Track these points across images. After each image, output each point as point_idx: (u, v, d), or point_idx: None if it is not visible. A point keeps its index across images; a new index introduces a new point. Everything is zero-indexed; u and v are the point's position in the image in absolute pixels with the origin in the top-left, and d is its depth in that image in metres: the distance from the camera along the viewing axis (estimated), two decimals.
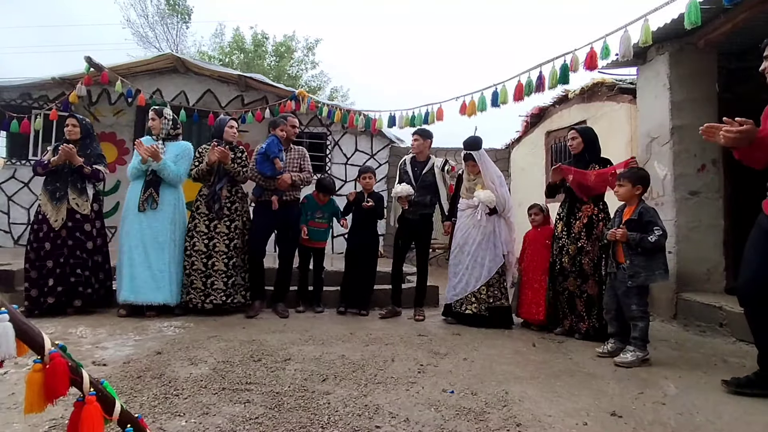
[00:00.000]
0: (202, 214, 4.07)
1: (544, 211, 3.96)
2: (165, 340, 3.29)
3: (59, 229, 3.85)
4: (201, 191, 4.16)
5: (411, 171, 4.21)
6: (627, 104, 5.08)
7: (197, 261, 4.01)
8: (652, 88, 4.21)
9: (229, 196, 4.13)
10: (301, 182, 4.25)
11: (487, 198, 3.83)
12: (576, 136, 3.64)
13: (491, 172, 3.90)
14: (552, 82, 3.57)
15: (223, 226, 4.07)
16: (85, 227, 3.97)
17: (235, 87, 7.33)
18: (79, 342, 3.17)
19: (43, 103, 6.72)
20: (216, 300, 4.00)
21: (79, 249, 3.92)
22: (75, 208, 3.92)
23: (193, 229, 4.07)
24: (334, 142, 7.67)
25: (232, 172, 4.09)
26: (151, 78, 7.06)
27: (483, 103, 4.23)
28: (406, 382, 2.52)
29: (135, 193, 4.00)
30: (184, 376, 2.55)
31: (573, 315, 3.54)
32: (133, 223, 3.93)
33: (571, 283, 3.53)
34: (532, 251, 3.93)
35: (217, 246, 4.04)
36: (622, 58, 3.17)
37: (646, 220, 2.93)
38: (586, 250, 3.48)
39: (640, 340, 2.89)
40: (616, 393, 2.43)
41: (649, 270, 2.90)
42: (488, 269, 3.82)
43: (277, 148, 4.13)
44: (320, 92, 19.08)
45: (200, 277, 3.99)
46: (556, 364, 2.94)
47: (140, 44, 18.25)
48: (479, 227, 3.88)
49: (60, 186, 3.90)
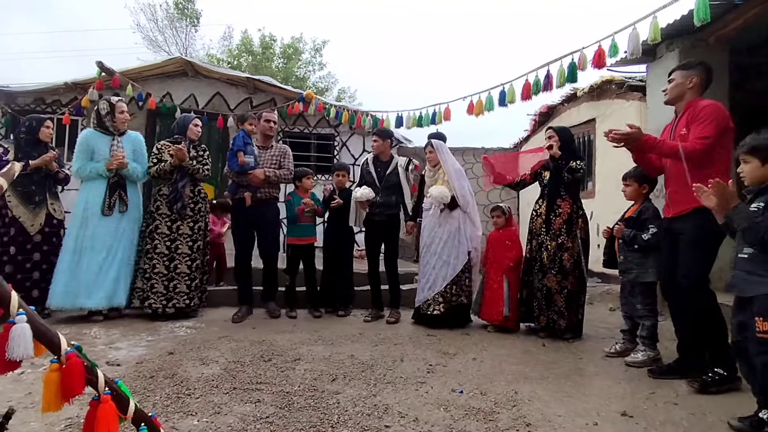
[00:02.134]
0: (163, 215, 3.90)
1: (506, 213, 3.92)
2: (177, 340, 3.33)
3: (34, 234, 3.74)
4: (160, 191, 3.97)
5: (374, 171, 4.13)
6: (637, 102, 5.03)
7: (159, 264, 3.85)
8: (662, 85, 4.13)
9: (192, 196, 3.99)
10: (277, 179, 4.11)
11: (439, 194, 3.79)
12: (552, 135, 3.64)
13: (449, 165, 3.88)
14: (560, 81, 3.55)
15: (186, 227, 3.93)
16: (61, 233, 3.92)
17: (243, 89, 7.39)
18: (93, 343, 3.22)
19: (56, 108, 6.83)
20: (179, 304, 3.86)
21: (53, 254, 3.81)
22: (52, 213, 3.87)
23: (154, 230, 3.88)
24: (342, 142, 7.69)
25: (191, 170, 3.95)
26: (161, 81, 7.14)
27: (490, 102, 4.22)
28: (415, 382, 2.53)
29: (96, 194, 3.80)
30: (195, 375, 2.59)
31: (550, 311, 3.48)
32: (98, 226, 3.75)
33: (550, 280, 3.49)
34: (493, 252, 3.87)
35: (180, 248, 3.90)
36: (631, 56, 3.14)
37: (643, 219, 2.92)
38: (567, 247, 3.47)
39: (649, 339, 2.88)
40: (627, 393, 2.41)
41: (642, 267, 2.91)
42: (453, 267, 3.77)
43: (243, 142, 4.02)
44: (328, 93, 19.14)
45: (162, 280, 3.84)
46: (565, 364, 2.92)
47: (150, 48, 18.48)
48: (444, 225, 3.85)
49: (36, 190, 3.79)
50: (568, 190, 3.54)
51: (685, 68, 2.65)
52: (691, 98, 2.59)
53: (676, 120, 2.67)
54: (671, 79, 2.68)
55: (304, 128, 7.59)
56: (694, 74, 2.59)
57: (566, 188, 3.54)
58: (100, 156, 3.85)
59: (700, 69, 2.61)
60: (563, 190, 3.54)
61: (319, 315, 4.15)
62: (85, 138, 3.90)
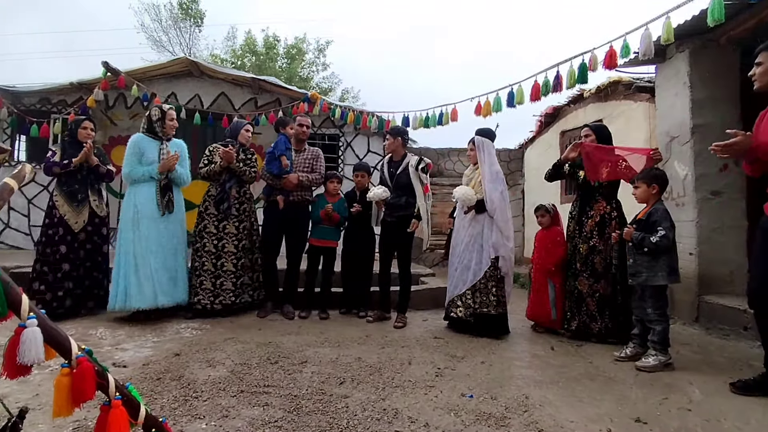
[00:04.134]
0: (211, 215, 4.06)
1: (551, 212, 3.84)
2: (183, 341, 3.31)
3: (78, 231, 3.86)
4: (209, 191, 4.13)
5: (387, 171, 4.09)
6: (645, 103, 5.00)
7: (207, 262, 4.00)
8: (672, 87, 4.13)
9: (238, 197, 4.13)
10: (309, 183, 4.21)
11: (463, 195, 3.68)
12: (589, 134, 3.55)
13: (487, 165, 3.71)
14: (570, 82, 3.51)
15: (232, 227, 4.07)
16: (102, 230, 4.03)
17: (248, 89, 7.38)
18: (99, 344, 3.21)
19: (61, 108, 6.84)
20: (225, 300, 4.00)
21: (97, 252, 3.97)
22: (95, 210, 3.96)
23: (203, 230, 4.04)
24: (347, 143, 7.67)
25: (239, 171, 4.07)
26: (166, 82, 7.14)
27: (498, 103, 4.18)
28: (424, 386, 2.50)
29: (148, 197, 3.87)
30: (202, 378, 2.57)
31: (582, 315, 3.45)
32: (150, 228, 3.83)
33: (582, 283, 3.46)
34: (538, 253, 3.83)
35: (226, 247, 4.04)
36: (643, 57, 3.11)
37: (652, 221, 2.88)
38: (599, 249, 3.41)
39: (659, 344, 2.83)
40: (640, 398, 2.38)
41: (651, 270, 2.85)
42: (474, 273, 3.64)
43: (284, 146, 4.13)
44: (331, 93, 19.15)
45: (210, 278, 3.99)
46: (575, 368, 2.89)
47: (154, 48, 18.54)
48: (468, 228, 3.76)
49: (79, 188, 3.90)
50: (602, 191, 3.46)
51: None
52: None
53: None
54: (759, 62, 2.29)
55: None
56: None
57: (600, 189, 3.46)
58: (149, 159, 3.91)
59: None
60: (597, 192, 3.48)
61: (326, 317, 4.14)
62: (135, 142, 3.94)
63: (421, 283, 5.20)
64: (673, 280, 2.81)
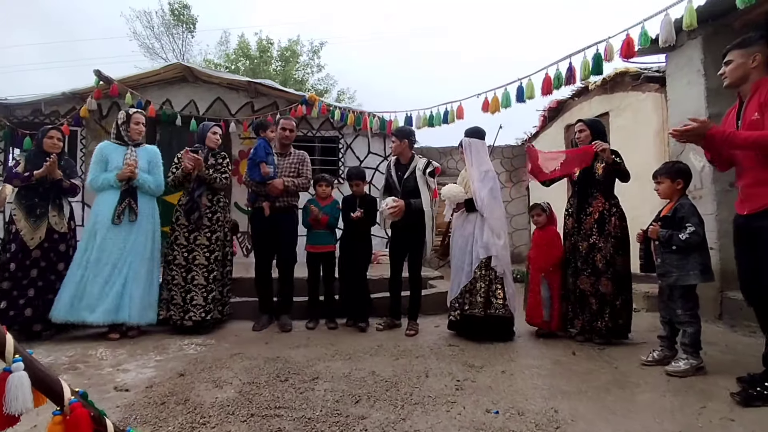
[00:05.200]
0: (181, 226, 3.84)
1: (546, 211, 3.72)
2: (187, 359, 3.17)
3: (33, 248, 3.57)
4: (180, 201, 3.92)
5: (395, 175, 3.91)
6: (654, 93, 4.86)
7: (177, 275, 3.79)
8: (685, 75, 3.99)
9: (210, 206, 3.89)
10: (296, 188, 4.02)
11: (449, 193, 3.60)
12: (583, 128, 3.47)
13: (475, 165, 3.63)
14: (584, 74, 3.36)
15: (204, 238, 3.83)
16: (60, 247, 3.71)
17: (244, 94, 7.23)
18: (99, 365, 3.06)
19: (54, 119, 6.68)
20: (195, 317, 3.74)
21: (51, 271, 3.64)
22: (54, 227, 3.67)
23: (174, 241, 3.83)
24: (347, 145, 7.52)
25: (208, 179, 3.84)
26: (160, 89, 6.99)
27: (507, 99, 4.02)
28: (445, 402, 2.36)
29: (108, 204, 3.66)
30: (209, 401, 2.42)
31: (585, 314, 3.33)
32: (106, 237, 3.61)
33: (583, 282, 3.34)
34: (534, 253, 3.70)
35: (197, 259, 3.80)
36: (664, 44, 2.96)
37: (679, 217, 2.74)
38: (599, 247, 3.31)
39: (691, 347, 2.69)
40: (676, 407, 2.24)
41: (682, 269, 2.69)
42: (466, 274, 3.55)
43: (264, 152, 3.93)
44: (327, 95, 19.00)
45: (180, 292, 3.77)
46: (601, 374, 2.75)
47: (147, 56, 18.38)
48: (460, 229, 3.67)
49: (39, 202, 3.63)
50: (600, 187, 3.36)
51: (743, 46, 2.31)
52: (759, 77, 2.27)
53: (744, 104, 2.33)
54: (729, 61, 2.35)
55: (307, 131, 7.42)
56: (756, 51, 2.27)
57: (597, 185, 3.36)
58: (114, 167, 3.72)
59: (762, 44, 2.27)
60: (594, 188, 3.37)
61: (333, 326, 3.96)
62: (100, 149, 3.78)
63: (430, 287, 5.06)
64: (707, 278, 2.67)
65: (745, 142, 2.17)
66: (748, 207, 2.31)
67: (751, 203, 2.29)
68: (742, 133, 2.21)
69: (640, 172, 5.08)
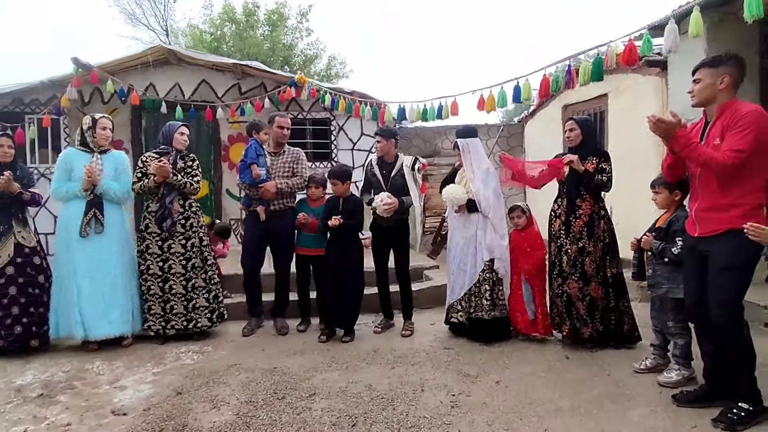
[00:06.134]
0: (152, 234, 3.67)
1: (527, 213, 3.66)
2: (184, 372, 3.18)
3: (3, 266, 3.43)
4: (148, 208, 3.72)
5: (380, 174, 3.82)
6: (654, 77, 4.70)
7: (153, 285, 3.68)
8: (687, 64, 3.81)
9: (183, 211, 3.72)
10: (290, 189, 3.90)
11: (451, 195, 3.56)
12: (574, 128, 3.36)
13: (475, 165, 3.57)
14: (584, 79, 3.21)
15: (178, 246, 3.69)
16: (35, 260, 3.58)
17: (231, 75, 6.95)
18: (97, 381, 3.07)
19: (35, 108, 6.44)
20: (177, 325, 3.70)
21: (31, 285, 3.52)
22: (21, 242, 3.52)
23: (145, 251, 3.67)
24: (339, 126, 7.32)
25: (178, 185, 3.68)
26: (143, 72, 6.68)
27: (503, 98, 3.87)
28: (441, 424, 2.39)
29: (74, 216, 3.53)
30: (207, 426, 2.44)
31: (572, 319, 3.32)
32: (75, 251, 3.50)
33: (571, 286, 3.31)
34: (515, 255, 3.61)
35: (173, 268, 3.68)
36: (667, 53, 2.82)
37: (672, 230, 2.69)
38: (588, 251, 3.27)
39: (682, 358, 2.72)
40: (669, 427, 2.28)
41: (672, 282, 2.68)
42: (470, 276, 3.54)
43: (256, 153, 3.78)
44: (317, 60, 18.42)
45: (158, 302, 3.68)
46: (594, 384, 2.78)
47: (128, 22, 17.62)
48: (461, 230, 3.63)
49: (0, 219, 3.47)
50: (589, 190, 3.30)
51: (713, 65, 2.26)
52: (725, 100, 2.24)
53: (709, 126, 2.31)
54: (697, 79, 2.31)
55: (297, 113, 7.20)
56: (725, 72, 2.21)
57: (586, 188, 3.31)
58: (78, 175, 3.55)
59: (731, 65, 2.23)
60: (583, 190, 3.31)
61: (324, 340, 3.71)
62: (65, 158, 3.62)
63: (426, 278, 5.06)
64: None
65: (698, 157, 2.17)
66: (699, 230, 2.32)
67: (702, 227, 2.31)
68: (701, 148, 2.19)
69: (636, 157, 5.01)
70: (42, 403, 2.76)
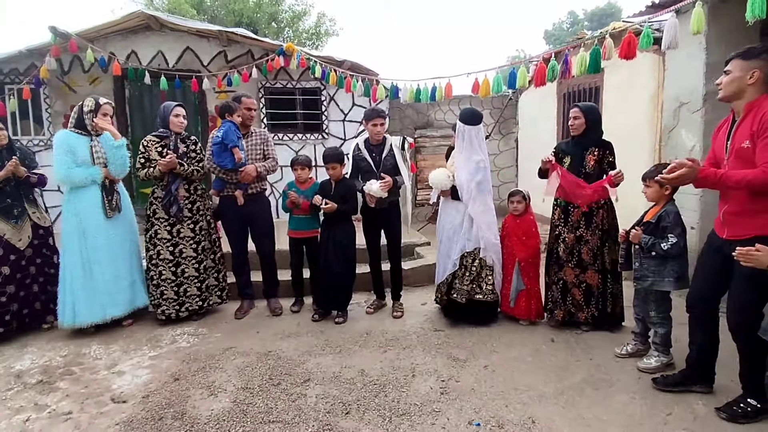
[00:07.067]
0: (161, 219, 3.70)
1: (527, 199, 3.65)
2: (180, 355, 3.25)
3: (24, 248, 3.54)
4: (154, 193, 3.74)
5: (369, 157, 3.77)
6: (652, 54, 4.59)
7: (165, 270, 3.71)
8: (686, 46, 3.74)
9: (189, 196, 3.76)
10: (266, 172, 3.87)
11: (434, 178, 3.54)
12: (578, 116, 3.27)
13: (465, 155, 3.44)
14: (580, 69, 3.14)
15: (187, 230, 3.74)
16: (50, 241, 3.74)
17: (216, 42, 6.68)
18: (95, 366, 3.14)
19: (14, 77, 6.18)
20: (192, 306, 3.80)
21: (47, 265, 3.70)
22: (38, 223, 3.64)
23: (154, 236, 3.70)
24: (330, 96, 7.15)
25: (186, 174, 3.71)
26: (123, 39, 6.41)
27: (499, 84, 3.78)
28: (430, 411, 2.49)
29: (92, 202, 3.55)
30: (205, 413, 2.53)
31: (567, 305, 3.42)
32: (97, 237, 3.55)
33: (568, 273, 3.39)
34: (509, 242, 3.62)
35: (185, 252, 3.74)
36: (666, 48, 2.75)
37: (662, 226, 2.73)
38: (585, 240, 3.32)
39: (662, 345, 2.83)
40: (645, 414, 2.41)
41: (658, 275, 2.75)
42: (453, 263, 3.58)
43: (236, 136, 3.69)
44: (306, 17, 17.69)
45: (171, 286, 3.73)
46: (577, 369, 2.91)
47: None
48: (447, 216, 3.65)
49: (13, 202, 3.51)
50: (590, 180, 3.29)
51: (746, 57, 2.12)
52: (754, 97, 2.11)
53: (736, 125, 2.21)
54: (728, 71, 2.18)
55: (287, 83, 7.01)
56: (757, 66, 2.08)
57: (588, 178, 3.29)
58: (81, 159, 3.52)
59: (764, 59, 2.09)
60: (585, 179, 3.30)
61: (317, 319, 3.83)
62: (65, 141, 3.51)
63: (417, 256, 5.12)
64: (681, 286, 2.73)
65: (737, 184, 2.09)
66: (728, 232, 2.28)
67: (731, 230, 2.26)
68: (733, 175, 2.11)
69: (629, 135, 4.99)
70: (42, 390, 2.83)
